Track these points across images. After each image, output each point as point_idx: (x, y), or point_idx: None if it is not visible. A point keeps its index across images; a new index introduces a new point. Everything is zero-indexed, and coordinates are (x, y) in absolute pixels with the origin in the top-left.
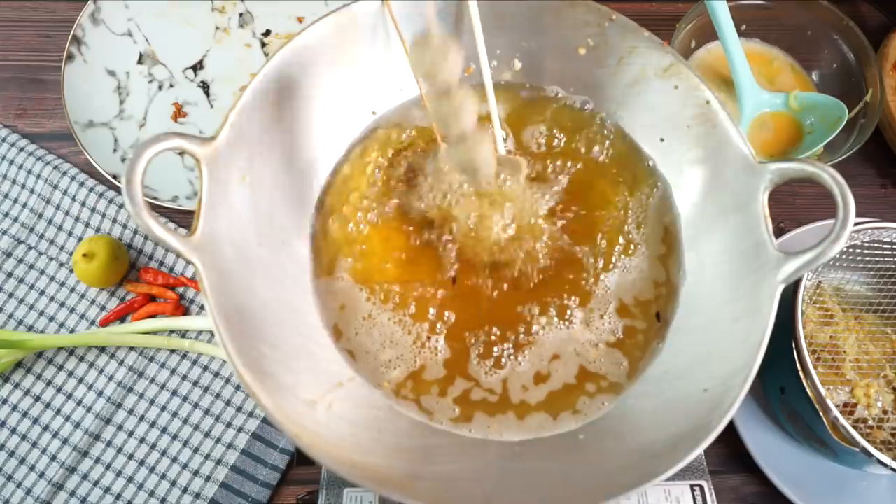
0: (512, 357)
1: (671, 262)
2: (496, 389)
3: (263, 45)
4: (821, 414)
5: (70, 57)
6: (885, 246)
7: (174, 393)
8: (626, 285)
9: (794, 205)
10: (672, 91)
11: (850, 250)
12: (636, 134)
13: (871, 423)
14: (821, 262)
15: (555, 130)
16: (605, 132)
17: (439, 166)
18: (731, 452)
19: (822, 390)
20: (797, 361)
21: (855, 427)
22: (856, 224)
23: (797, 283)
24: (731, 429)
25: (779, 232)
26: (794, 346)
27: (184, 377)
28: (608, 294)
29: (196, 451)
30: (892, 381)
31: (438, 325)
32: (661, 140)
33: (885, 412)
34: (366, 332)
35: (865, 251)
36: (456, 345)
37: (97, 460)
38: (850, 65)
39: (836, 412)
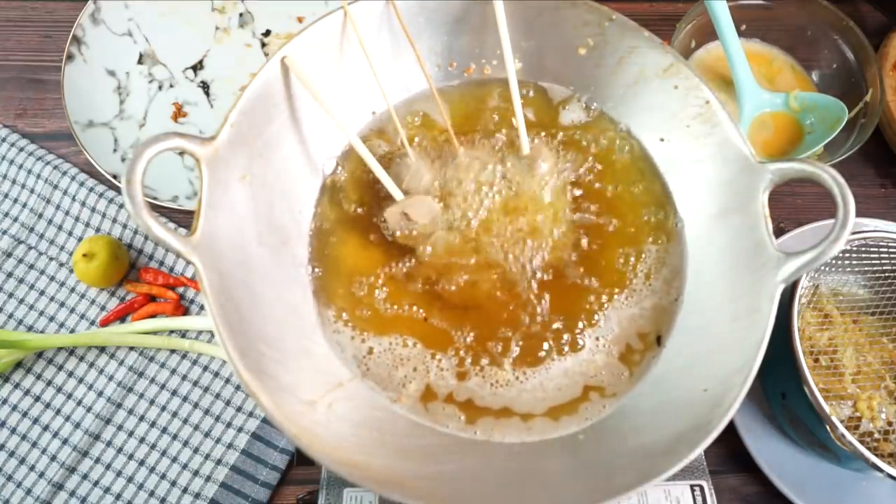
0: (518, 374)
1: (675, 300)
2: (501, 401)
3: (263, 45)
4: (824, 422)
5: (70, 57)
6: (881, 249)
7: (174, 393)
8: (630, 317)
9: (794, 205)
10: (672, 91)
11: (847, 254)
12: (637, 133)
13: (876, 435)
14: (821, 262)
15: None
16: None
17: (454, 173)
18: (730, 452)
19: (822, 401)
20: (796, 370)
21: (861, 441)
22: (855, 232)
23: (793, 289)
24: (730, 429)
25: (779, 232)
26: (791, 353)
27: (184, 377)
28: (611, 322)
29: (196, 451)
30: (894, 391)
31: (449, 348)
32: (661, 140)
33: (889, 423)
34: (374, 364)
35: (862, 254)
36: (462, 360)
37: (97, 460)
38: (850, 65)
39: (842, 429)
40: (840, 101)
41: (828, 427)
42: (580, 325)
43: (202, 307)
